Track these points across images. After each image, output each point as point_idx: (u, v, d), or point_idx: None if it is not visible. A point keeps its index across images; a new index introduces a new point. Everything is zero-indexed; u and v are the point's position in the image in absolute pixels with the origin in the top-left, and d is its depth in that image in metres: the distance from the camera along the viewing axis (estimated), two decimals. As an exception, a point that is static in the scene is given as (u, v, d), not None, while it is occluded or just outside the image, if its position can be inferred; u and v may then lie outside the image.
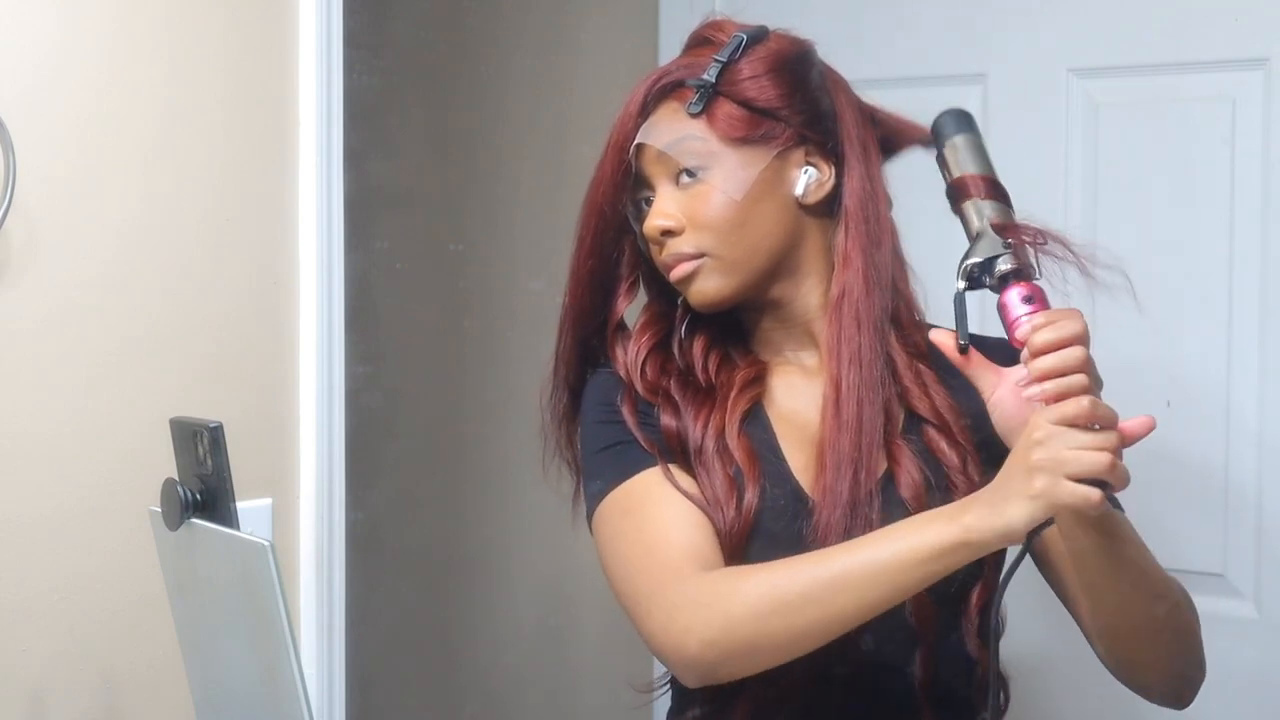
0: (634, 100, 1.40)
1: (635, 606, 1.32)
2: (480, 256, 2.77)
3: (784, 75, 1.38)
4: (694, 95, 1.37)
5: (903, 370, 1.40)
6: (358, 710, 2.04)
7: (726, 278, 1.37)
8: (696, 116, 1.36)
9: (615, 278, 1.44)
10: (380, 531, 2.64)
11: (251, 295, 1.77)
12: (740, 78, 1.37)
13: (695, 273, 1.37)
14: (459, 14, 2.76)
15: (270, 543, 1.20)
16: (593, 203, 1.42)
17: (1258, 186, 2.00)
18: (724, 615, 1.25)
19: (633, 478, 1.38)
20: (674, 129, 1.37)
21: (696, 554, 1.32)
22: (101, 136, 1.61)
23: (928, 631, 1.35)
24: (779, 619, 1.24)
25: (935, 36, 2.25)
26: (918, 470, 1.36)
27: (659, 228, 1.38)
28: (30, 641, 1.56)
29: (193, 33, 1.69)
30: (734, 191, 1.35)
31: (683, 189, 1.37)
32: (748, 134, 1.36)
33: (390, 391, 2.72)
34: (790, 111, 1.37)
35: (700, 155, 1.36)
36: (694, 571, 1.30)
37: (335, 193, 1.84)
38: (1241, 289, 2.02)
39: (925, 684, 1.36)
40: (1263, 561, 2.03)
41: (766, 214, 1.37)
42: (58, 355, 1.57)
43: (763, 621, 1.24)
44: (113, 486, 1.61)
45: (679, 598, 1.28)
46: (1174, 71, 2.08)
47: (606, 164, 1.41)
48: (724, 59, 1.37)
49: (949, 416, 1.39)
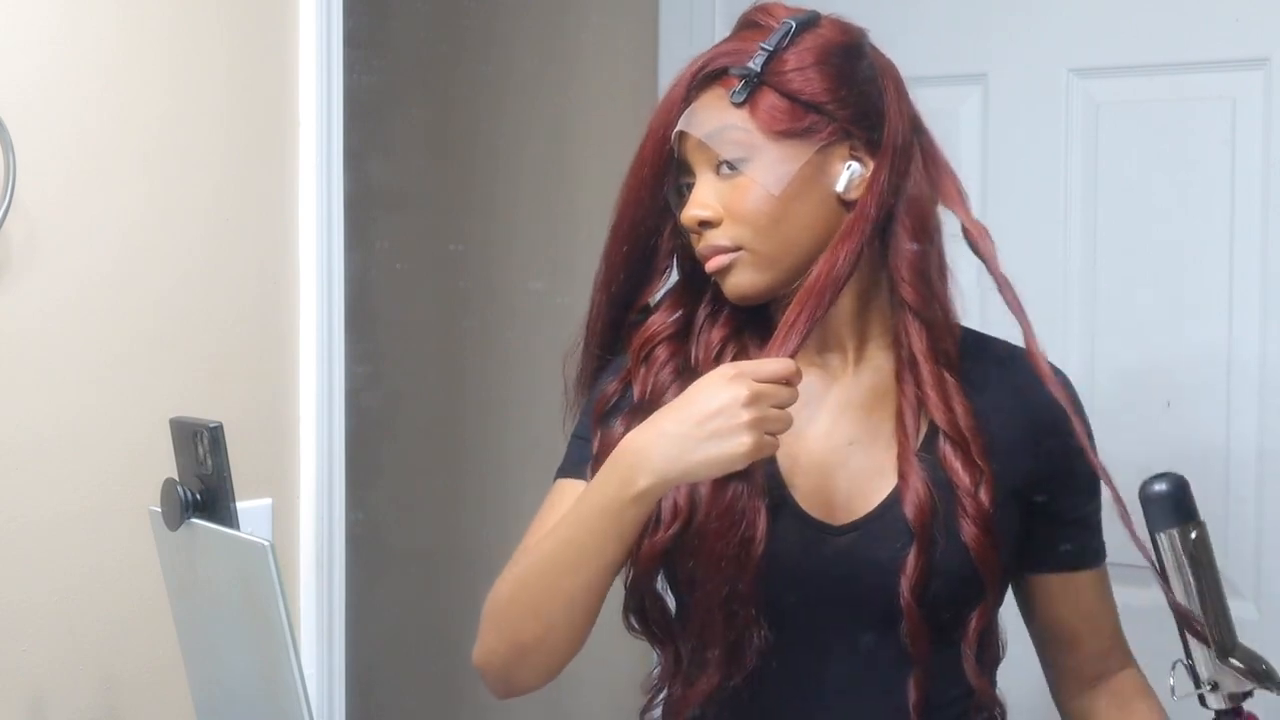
0: (679, 85, 1.35)
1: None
2: (480, 256, 2.77)
3: (831, 68, 1.32)
4: (738, 84, 1.31)
5: (926, 376, 1.35)
6: (358, 710, 2.03)
7: (762, 272, 1.33)
8: (739, 106, 1.31)
9: (649, 265, 1.41)
10: (380, 531, 2.64)
11: (251, 295, 1.77)
12: (786, 68, 1.31)
13: (731, 265, 1.33)
14: (459, 14, 2.75)
15: (270, 543, 1.20)
16: (630, 188, 1.38)
17: (1258, 186, 2.00)
18: (484, 619, 1.35)
19: (568, 476, 1.41)
20: (716, 118, 1.32)
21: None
22: (101, 136, 1.60)
23: (922, 654, 1.32)
24: (510, 611, 1.32)
25: (935, 36, 2.25)
26: (925, 489, 1.31)
27: (696, 218, 1.33)
28: (30, 641, 1.56)
29: (193, 33, 1.69)
30: (773, 186, 1.31)
31: (723, 179, 1.33)
32: (791, 127, 1.31)
33: (390, 391, 2.72)
34: (836, 106, 1.32)
35: (741, 146, 1.31)
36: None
37: (335, 193, 1.84)
38: (1241, 289, 2.02)
39: (918, 707, 1.33)
40: (1263, 561, 2.03)
41: (806, 209, 1.32)
42: (57, 355, 1.57)
43: (502, 618, 1.33)
44: (113, 486, 1.61)
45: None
46: (1174, 71, 2.08)
47: (646, 149, 1.36)
48: (771, 47, 1.31)
49: (968, 434, 1.33)
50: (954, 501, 1.32)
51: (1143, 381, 2.06)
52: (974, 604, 1.34)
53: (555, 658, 1.32)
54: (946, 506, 1.32)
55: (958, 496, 1.32)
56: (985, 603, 1.34)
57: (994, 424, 1.35)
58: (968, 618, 1.34)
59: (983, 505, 1.32)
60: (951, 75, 2.22)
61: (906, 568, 1.30)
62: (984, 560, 1.31)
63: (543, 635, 1.31)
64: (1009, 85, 2.20)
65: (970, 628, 1.34)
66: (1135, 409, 2.06)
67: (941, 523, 1.31)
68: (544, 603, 1.30)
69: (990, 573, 1.32)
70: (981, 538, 1.31)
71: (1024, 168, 2.19)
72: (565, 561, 1.28)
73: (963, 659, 1.35)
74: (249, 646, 1.28)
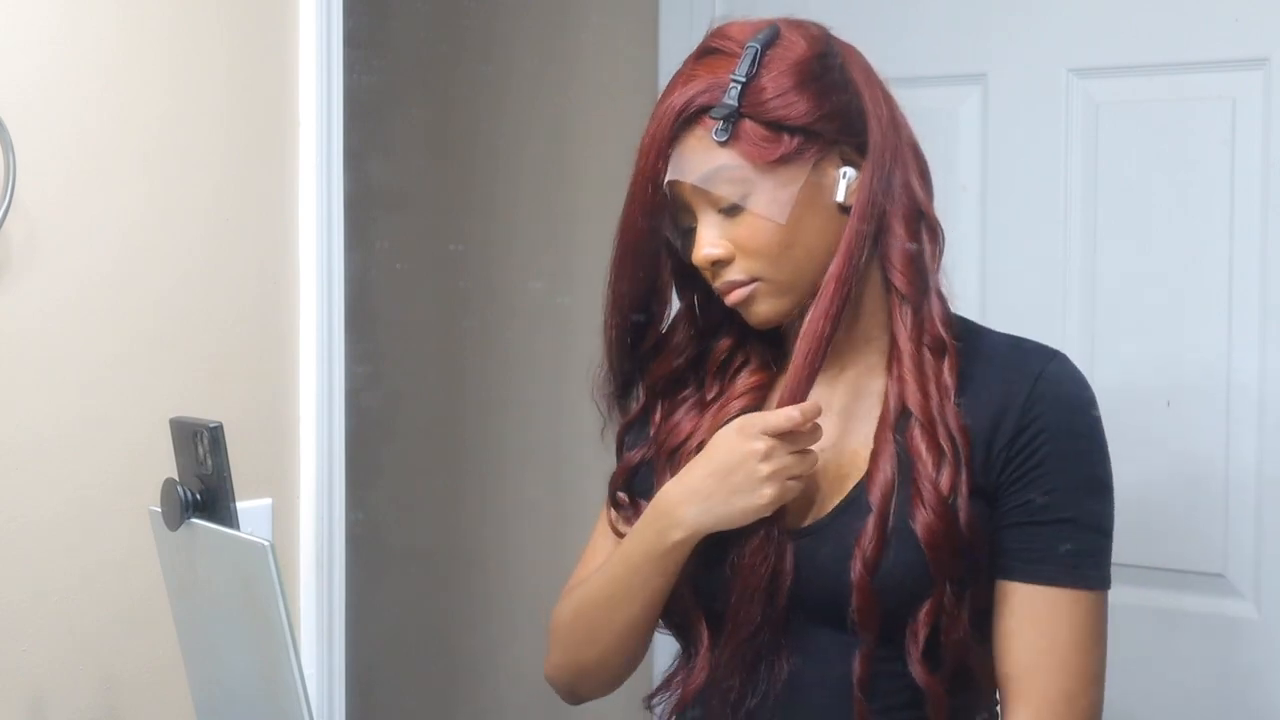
0: (659, 133, 1.32)
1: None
2: (480, 256, 2.77)
3: (809, 85, 1.30)
4: (719, 122, 1.29)
5: (907, 361, 1.33)
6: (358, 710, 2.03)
7: (782, 298, 1.33)
8: (725, 145, 1.29)
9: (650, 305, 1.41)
10: (380, 531, 2.64)
11: (251, 295, 1.77)
12: (765, 97, 1.29)
13: (751, 297, 1.33)
14: (459, 14, 2.76)
15: (270, 543, 1.20)
16: (624, 229, 1.37)
17: (1258, 186, 2.00)
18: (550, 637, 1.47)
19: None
20: (705, 160, 1.30)
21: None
22: (101, 136, 1.60)
23: (869, 630, 1.29)
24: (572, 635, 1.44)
25: (935, 36, 2.25)
26: (890, 470, 1.30)
27: (709, 258, 1.32)
28: (30, 641, 1.56)
29: (193, 33, 1.69)
30: (778, 215, 1.30)
31: (726, 216, 1.32)
32: (781, 154, 1.29)
33: (390, 391, 2.72)
34: (821, 122, 1.30)
35: (737, 184, 1.30)
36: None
37: (335, 193, 1.84)
38: (1241, 289, 2.02)
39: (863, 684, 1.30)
40: (1263, 561, 2.02)
41: (812, 227, 1.32)
42: (57, 355, 1.57)
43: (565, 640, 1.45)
44: (113, 486, 1.61)
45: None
46: (1174, 71, 2.08)
47: (634, 202, 1.35)
48: (743, 78, 1.29)
49: (937, 417, 1.31)
50: (912, 486, 1.29)
51: (1143, 381, 2.06)
52: (923, 597, 1.28)
53: (614, 674, 1.46)
54: (905, 491, 1.29)
55: (917, 481, 1.29)
56: (933, 598, 1.28)
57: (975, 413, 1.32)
58: (916, 610, 1.28)
59: (940, 492, 1.28)
60: (951, 75, 2.23)
61: (862, 543, 1.28)
62: (934, 548, 1.27)
63: (600, 658, 1.43)
64: (1009, 85, 2.20)
65: (918, 620, 1.28)
66: (1135, 409, 2.06)
67: (900, 508, 1.29)
68: (599, 631, 1.41)
69: (939, 563, 1.27)
70: (934, 525, 1.27)
71: (1024, 168, 2.19)
72: (615, 597, 1.38)
73: (906, 651, 1.29)
74: (249, 646, 1.28)
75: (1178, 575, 2.08)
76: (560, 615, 1.46)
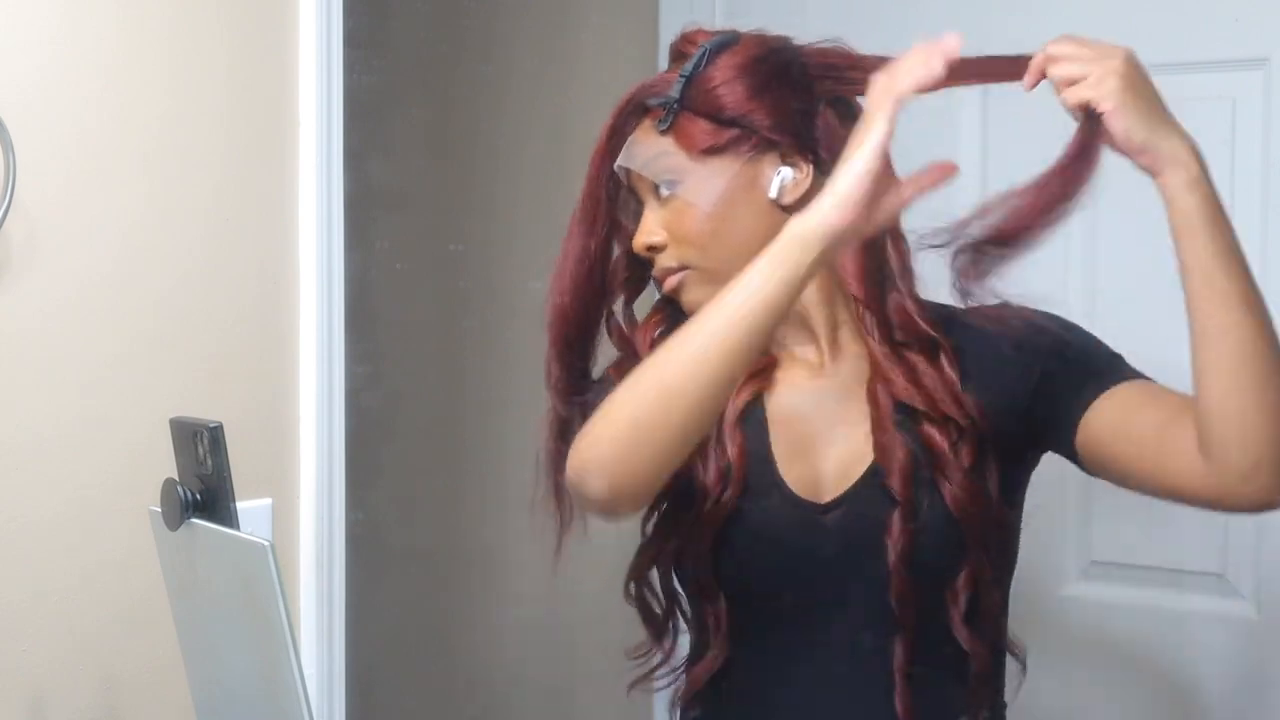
0: (606, 125, 1.44)
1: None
2: (480, 256, 2.77)
3: (748, 80, 1.38)
4: (663, 113, 1.39)
5: (881, 360, 1.38)
6: (358, 710, 2.03)
7: (711, 285, 1.34)
8: (665, 134, 1.39)
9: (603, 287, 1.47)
10: (380, 531, 2.64)
11: (251, 295, 1.77)
12: (704, 88, 1.38)
13: (682, 284, 1.41)
14: (459, 14, 2.75)
15: (270, 543, 1.20)
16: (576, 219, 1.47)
17: (1257, 186, 2.00)
18: (601, 414, 1.26)
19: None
20: (648, 148, 1.40)
21: None
22: (101, 136, 1.61)
23: (908, 618, 1.35)
24: (631, 397, 1.24)
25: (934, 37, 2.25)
26: (904, 455, 1.35)
27: (644, 244, 1.42)
28: (30, 641, 1.56)
29: (193, 33, 1.69)
30: (705, 203, 1.37)
31: (663, 204, 1.40)
32: (713, 144, 1.37)
33: (390, 391, 2.72)
34: (758, 116, 1.37)
35: (671, 170, 1.39)
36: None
37: (335, 193, 1.84)
38: (1241, 289, 2.02)
39: (903, 669, 1.35)
40: (1263, 561, 2.02)
41: (743, 220, 1.38)
42: (57, 355, 1.57)
43: (639, 400, 1.23)
44: (113, 486, 1.61)
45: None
46: (1174, 71, 2.07)
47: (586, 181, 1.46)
48: (687, 73, 1.38)
49: (939, 401, 1.36)
50: (933, 466, 1.35)
51: (1143, 381, 2.05)
52: (960, 564, 1.35)
53: (677, 441, 1.24)
54: (926, 472, 1.35)
55: (936, 461, 1.35)
56: (971, 562, 1.35)
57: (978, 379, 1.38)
58: (955, 579, 1.36)
59: (962, 465, 1.35)
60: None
61: (892, 532, 1.34)
62: (967, 518, 1.34)
63: (686, 411, 1.23)
64: (1009, 85, 2.19)
65: (958, 587, 1.35)
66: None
67: (925, 491, 1.34)
68: (696, 357, 1.22)
69: (973, 529, 1.35)
70: (962, 496, 1.34)
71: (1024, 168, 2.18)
72: (730, 304, 1.21)
73: (950, 621, 1.36)
74: (249, 646, 1.28)
75: (1178, 575, 2.08)
76: (615, 394, 1.26)
